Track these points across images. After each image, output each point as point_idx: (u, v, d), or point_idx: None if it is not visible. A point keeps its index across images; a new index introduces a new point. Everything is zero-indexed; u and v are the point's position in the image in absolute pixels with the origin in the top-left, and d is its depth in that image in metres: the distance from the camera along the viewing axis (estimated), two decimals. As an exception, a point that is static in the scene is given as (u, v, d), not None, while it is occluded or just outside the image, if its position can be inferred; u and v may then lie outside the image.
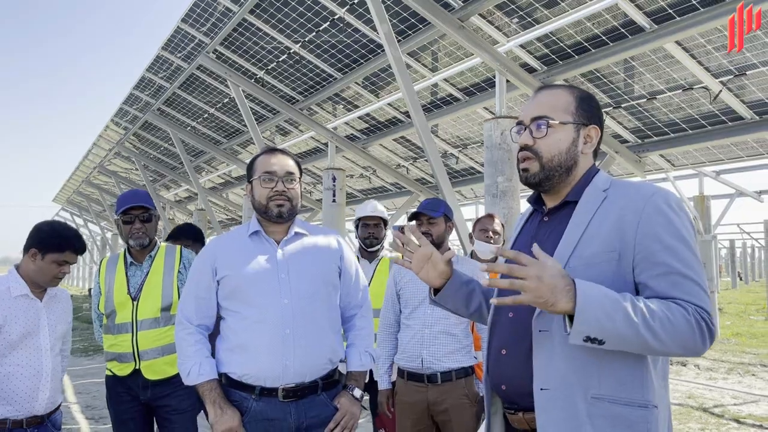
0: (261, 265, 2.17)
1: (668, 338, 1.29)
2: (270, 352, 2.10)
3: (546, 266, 1.29)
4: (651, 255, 1.36)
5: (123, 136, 13.30)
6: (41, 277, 2.53)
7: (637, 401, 1.37)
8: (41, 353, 2.54)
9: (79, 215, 27.82)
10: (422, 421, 2.88)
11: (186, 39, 8.41)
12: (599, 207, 1.45)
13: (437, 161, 5.31)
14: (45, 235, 2.56)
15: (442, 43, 6.18)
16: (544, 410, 1.41)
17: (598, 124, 1.55)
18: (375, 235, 3.52)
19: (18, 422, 2.48)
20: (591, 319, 1.27)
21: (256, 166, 2.27)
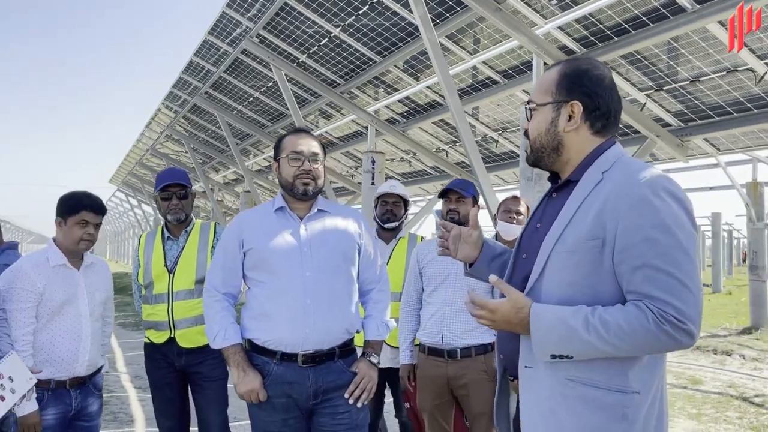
0: (285, 239, 2.32)
1: (628, 346, 1.32)
2: (291, 321, 2.25)
3: (495, 309, 1.43)
4: (629, 246, 1.34)
5: (173, 119, 13.71)
6: (70, 243, 2.71)
7: (614, 386, 1.38)
8: (81, 319, 2.73)
9: (134, 196, 28.79)
10: (442, 395, 2.97)
11: (231, 24, 8.61)
12: (592, 190, 1.43)
13: (471, 145, 5.34)
14: (62, 202, 2.74)
15: (480, 26, 6.16)
16: (525, 388, 1.49)
17: (582, 99, 1.48)
18: (393, 212, 3.54)
19: (61, 382, 2.68)
20: (546, 344, 1.38)
21: (283, 146, 2.40)
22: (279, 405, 2.26)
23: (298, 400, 2.27)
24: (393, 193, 3.53)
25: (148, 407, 5.69)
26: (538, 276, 1.47)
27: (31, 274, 2.65)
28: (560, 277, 1.43)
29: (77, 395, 2.71)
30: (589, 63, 1.54)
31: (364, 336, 2.46)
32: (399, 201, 3.54)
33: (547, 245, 1.46)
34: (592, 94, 1.49)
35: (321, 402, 2.29)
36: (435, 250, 3.05)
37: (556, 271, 1.44)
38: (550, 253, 1.45)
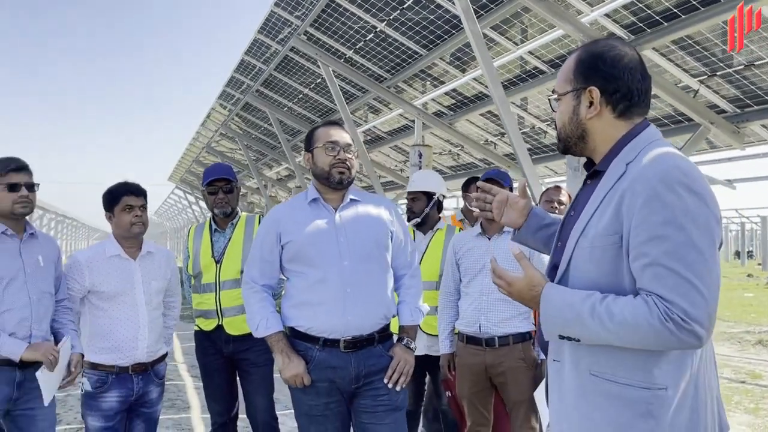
0: (321, 230, 2.39)
1: (630, 338, 1.32)
2: (333, 309, 2.33)
3: (512, 282, 1.49)
4: (639, 245, 1.33)
5: (227, 118, 14.08)
6: (124, 230, 2.86)
7: (639, 382, 1.36)
8: (137, 307, 2.87)
9: (191, 193, 29.67)
10: (480, 383, 3.01)
11: (279, 22, 8.79)
12: (615, 183, 1.41)
13: (517, 136, 5.31)
14: (104, 198, 2.90)
15: (525, 16, 6.10)
16: (553, 380, 1.51)
17: (599, 83, 1.45)
18: (412, 209, 3.57)
19: (124, 368, 2.83)
20: (554, 325, 1.41)
21: (317, 137, 2.47)
22: (322, 389, 2.35)
23: (340, 384, 2.35)
24: (411, 190, 3.57)
25: (203, 395, 5.92)
26: (565, 268, 1.49)
27: (82, 265, 2.83)
28: (584, 271, 1.44)
29: (139, 381, 2.85)
30: (605, 44, 1.50)
31: (398, 321, 2.52)
32: (417, 197, 3.55)
33: (573, 238, 1.47)
34: (609, 77, 1.45)
35: (362, 385, 2.37)
36: (471, 242, 3.10)
37: (580, 264, 1.45)
38: (574, 246, 1.46)
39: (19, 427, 2.58)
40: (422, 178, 3.66)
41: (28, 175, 2.64)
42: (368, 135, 11.56)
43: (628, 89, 1.46)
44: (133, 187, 2.89)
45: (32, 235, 2.69)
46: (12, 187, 2.57)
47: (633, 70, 1.47)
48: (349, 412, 2.43)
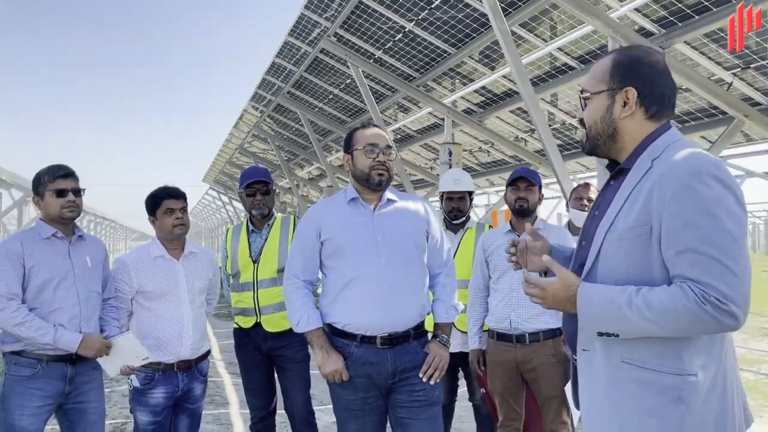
0: (360, 229, 2.47)
1: (671, 325, 1.36)
2: (369, 306, 2.40)
3: (546, 287, 1.51)
4: (673, 232, 1.37)
5: (259, 119, 14.29)
6: (166, 233, 2.98)
7: (670, 369, 1.40)
8: (181, 306, 2.98)
9: (225, 193, 30.12)
10: (512, 379, 3.05)
11: (309, 24, 8.91)
12: (642, 178, 1.47)
13: (546, 133, 5.32)
14: (146, 202, 3.02)
15: (554, 12, 6.09)
16: (583, 369, 1.56)
17: (638, 84, 1.52)
18: (459, 208, 3.61)
19: (170, 365, 2.94)
20: (593, 322, 1.44)
21: (356, 139, 2.54)
22: (360, 384, 2.42)
23: (377, 380, 2.42)
24: (458, 191, 3.59)
25: (241, 391, 6.07)
26: (593, 263, 1.53)
27: (129, 267, 2.97)
28: (612, 265, 1.48)
29: (183, 378, 2.97)
30: (642, 50, 1.58)
31: (433, 319, 2.59)
32: (464, 196, 3.60)
33: (600, 233, 1.52)
34: (646, 80, 1.53)
35: (398, 381, 2.44)
36: (499, 239, 3.14)
37: (609, 258, 1.49)
38: (602, 240, 1.51)
39: (71, 420, 2.73)
40: (464, 177, 3.71)
41: (74, 181, 2.77)
42: (398, 134, 11.62)
43: (661, 93, 1.54)
44: (173, 191, 3.02)
45: (80, 238, 2.83)
46: (60, 193, 2.71)
47: (667, 77, 1.56)
48: (386, 407, 2.49)
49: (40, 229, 2.74)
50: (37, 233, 2.72)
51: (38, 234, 2.72)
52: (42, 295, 2.64)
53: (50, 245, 2.71)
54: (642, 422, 1.42)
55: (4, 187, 16.90)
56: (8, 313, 2.53)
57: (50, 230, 2.73)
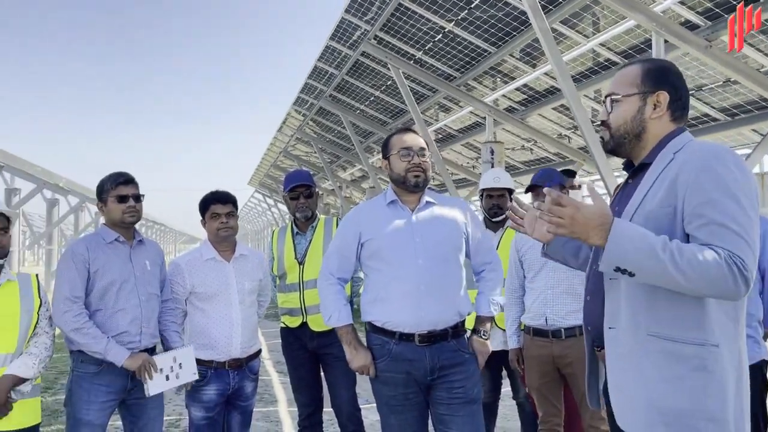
0: (399, 230, 2.54)
1: (696, 276, 1.42)
2: (408, 305, 2.47)
3: (581, 207, 1.51)
4: (695, 208, 1.49)
5: (302, 122, 14.51)
6: (213, 236, 3.11)
7: (693, 339, 1.51)
8: (232, 307, 3.08)
9: (270, 196, 30.61)
10: (549, 374, 3.08)
11: (350, 28, 9.02)
12: (665, 168, 1.60)
13: (589, 129, 5.28)
14: (199, 206, 3.14)
15: (595, 8, 6.03)
16: (609, 346, 1.65)
17: (669, 89, 1.67)
18: (500, 205, 3.63)
19: (221, 364, 3.05)
20: (618, 251, 1.46)
21: (392, 144, 2.62)
22: (400, 380, 2.49)
23: (416, 376, 2.49)
24: (498, 187, 3.62)
25: (289, 389, 6.21)
26: None
27: (183, 269, 3.10)
28: None
29: (234, 376, 3.07)
30: (668, 62, 1.77)
31: (476, 312, 2.65)
32: (504, 193, 3.63)
33: (627, 214, 1.62)
34: (676, 86, 1.69)
35: (437, 378, 2.50)
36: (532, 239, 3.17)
37: None
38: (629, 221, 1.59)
39: (132, 414, 2.87)
40: (504, 175, 3.74)
41: (134, 187, 2.92)
42: (439, 133, 11.65)
43: (686, 100, 1.70)
44: (220, 196, 3.14)
45: (140, 242, 2.97)
46: (121, 199, 2.85)
47: (686, 86, 1.72)
48: (427, 403, 2.56)
49: (103, 233, 2.89)
50: (101, 238, 2.87)
51: (102, 239, 2.86)
52: (105, 297, 2.78)
53: (113, 249, 2.86)
54: (667, 390, 1.52)
55: (62, 193, 17.61)
56: (70, 317, 2.68)
57: (113, 235, 2.87)
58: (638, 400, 1.56)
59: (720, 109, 6.78)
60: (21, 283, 2.58)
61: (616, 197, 1.79)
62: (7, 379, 2.43)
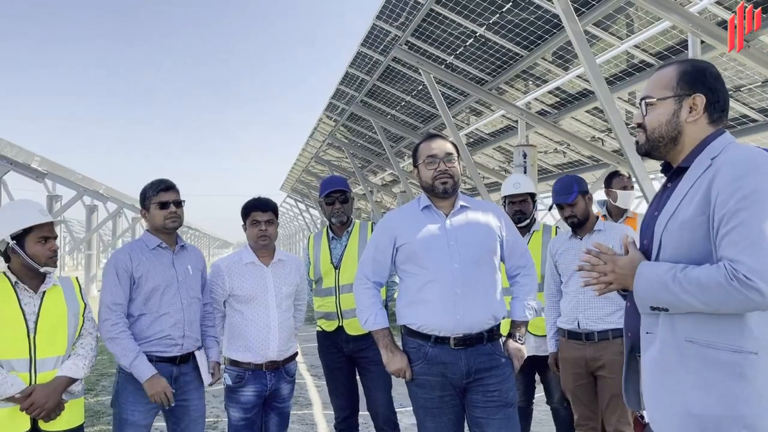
0: (433, 235, 2.56)
1: (705, 299, 1.46)
2: (444, 308, 2.48)
3: (617, 262, 1.62)
4: (723, 215, 1.49)
5: (334, 128, 14.64)
6: (252, 241, 3.18)
7: (731, 346, 1.50)
8: (269, 309, 3.14)
9: (302, 201, 30.88)
10: (582, 376, 3.09)
11: (381, 34, 9.09)
12: (702, 174, 1.58)
13: (623, 132, 5.23)
14: (241, 210, 3.20)
15: (629, 10, 5.98)
16: (646, 350, 1.65)
17: (705, 92, 1.64)
18: (522, 210, 3.63)
19: (258, 365, 3.11)
20: (645, 296, 1.56)
21: (419, 152, 2.66)
22: (435, 383, 2.51)
23: (452, 379, 2.51)
24: (519, 193, 3.62)
25: (324, 392, 6.27)
26: (656, 256, 1.63)
27: (223, 271, 3.18)
28: (674, 255, 1.58)
29: (271, 378, 3.13)
30: (705, 62, 1.72)
31: (510, 316, 2.66)
32: (526, 198, 3.63)
33: (660, 224, 1.63)
34: (713, 89, 1.66)
35: (473, 381, 2.51)
36: (565, 243, 3.19)
37: (670, 249, 1.59)
38: (662, 231, 1.61)
39: (176, 416, 2.95)
40: (525, 180, 3.73)
41: (175, 194, 3.00)
42: (470, 137, 11.62)
43: (724, 102, 1.67)
44: (260, 203, 3.20)
45: (182, 247, 3.05)
46: (163, 205, 2.94)
47: (725, 87, 1.69)
48: (462, 406, 2.57)
49: (146, 240, 2.98)
50: (144, 244, 2.96)
51: (145, 245, 2.96)
52: (150, 302, 2.87)
53: (156, 255, 2.94)
54: (703, 396, 1.51)
55: (101, 200, 18.06)
56: (108, 326, 2.78)
57: (156, 241, 2.96)
58: (673, 405, 1.56)
59: (759, 110, 6.65)
60: (64, 287, 2.67)
61: (654, 201, 1.78)
62: (61, 380, 2.51)
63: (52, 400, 2.45)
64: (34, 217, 2.54)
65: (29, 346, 2.47)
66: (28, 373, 2.46)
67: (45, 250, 2.54)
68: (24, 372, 2.46)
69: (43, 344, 2.51)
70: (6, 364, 2.43)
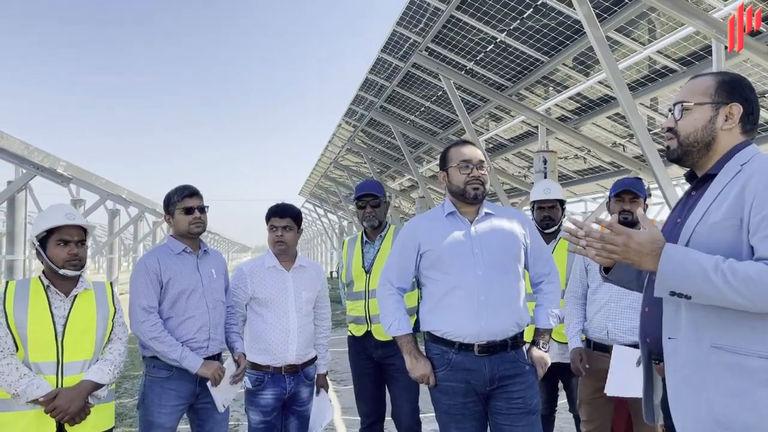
0: (458, 241, 2.57)
1: (753, 294, 1.43)
2: (468, 314, 2.49)
3: (634, 234, 1.55)
4: (760, 220, 1.48)
5: (353, 133, 14.69)
6: (271, 246, 3.23)
7: (759, 352, 1.49)
8: (288, 313, 3.19)
9: (320, 206, 30.99)
10: (603, 389, 3.03)
11: (401, 40, 9.12)
12: (732, 179, 1.59)
13: (646, 138, 5.19)
14: (265, 215, 3.26)
15: (651, 15, 5.94)
16: (669, 357, 1.64)
17: (742, 102, 1.66)
18: (551, 216, 3.61)
19: (278, 368, 3.15)
20: (670, 277, 1.50)
21: (450, 156, 2.66)
22: (459, 390, 2.51)
23: (476, 386, 2.51)
24: (549, 199, 3.60)
25: (344, 397, 6.29)
26: None
27: (245, 275, 3.22)
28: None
29: (291, 381, 3.17)
30: (740, 75, 1.75)
31: (534, 324, 2.65)
32: (555, 205, 3.61)
33: (690, 226, 1.62)
34: (749, 100, 1.69)
35: (497, 388, 2.51)
36: None
37: (698, 249, 1.56)
38: (692, 233, 1.60)
39: (200, 419, 2.99)
40: (554, 186, 3.72)
41: (199, 199, 3.05)
42: (490, 143, 11.59)
43: (757, 114, 1.71)
44: (279, 209, 3.26)
45: (206, 252, 3.10)
46: (187, 211, 2.99)
47: (758, 100, 1.71)
48: (486, 413, 2.57)
49: (171, 245, 3.03)
50: (169, 249, 3.01)
51: (171, 250, 3.01)
52: (176, 306, 2.91)
53: (181, 259, 2.99)
54: (731, 403, 1.49)
55: (123, 204, 18.29)
56: (147, 327, 2.82)
57: (181, 246, 3.01)
58: (700, 413, 1.54)
59: (784, 116, 6.56)
60: (96, 291, 2.71)
61: (677, 208, 1.78)
62: (85, 384, 2.54)
63: (76, 404, 2.46)
64: (55, 219, 2.57)
65: (57, 349, 2.51)
66: (55, 376, 2.49)
67: (63, 253, 2.55)
68: (51, 375, 2.49)
69: (71, 348, 2.54)
70: (34, 367, 2.47)
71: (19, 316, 2.47)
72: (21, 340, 2.47)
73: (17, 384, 2.39)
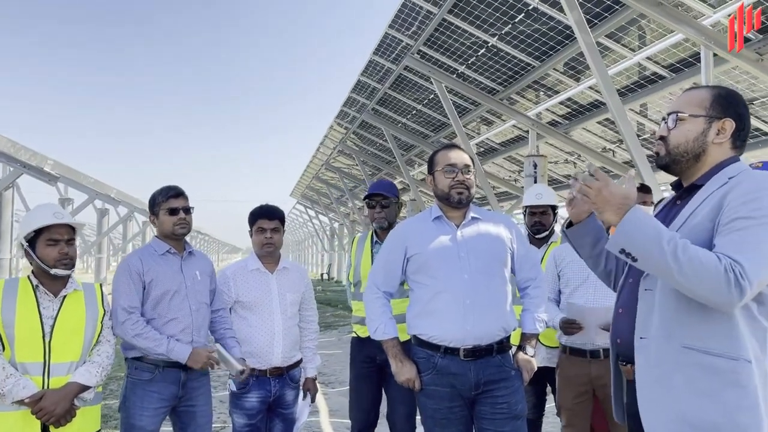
0: (444, 245, 2.56)
1: (692, 274, 1.46)
2: (453, 319, 2.48)
3: (611, 184, 1.60)
4: (725, 223, 1.53)
5: (344, 135, 14.69)
6: (257, 248, 3.20)
7: (727, 353, 1.53)
8: (273, 316, 3.16)
9: (311, 208, 30.95)
10: (584, 394, 3.03)
11: (393, 43, 9.13)
12: (717, 189, 1.61)
13: (635, 144, 5.23)
14: (248, 216, 3.23)
15: (642, 22, 5.98)
16: (640, 354, 1.65)
17: (735, 118, 1.68)
18: (542, 222, 3.60)
19: (263, 371, 3.12)
20: (627, 235, 1.54)
21: (437, 160, 2.66)
22: (445, 394, 2.50)
23: (461, 390, 2.49)
24: (541, 204, 3.61)
25: (330, 400, 6.26)
26: None
27: (228, 278, 3.20)
28: None
29: (276, 384, 3.14)
30: (736, 91, 1.77)
31: (521, 329, 2.64)
32: (547, 210, 3.61)
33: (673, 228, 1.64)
34: (742, 117, 1.71)
35: (482, 393, 2.49)
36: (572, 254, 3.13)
37: None
38: None
39: (182, 421, 2.96)
40: (546, 191, 3.71)
41: (184, 200, 3.02)
42: (481, 147, 11.63)
43: (748, 131, 1.73)
44: (267, 211, 3.22)
45: (191, 253, 3.07)
46: (172, 211, 2.95)
47: (750, 117, 1.73)
48: (471, 418, 2.56)
49: (155, 245, 3.00)
50: (153, 249, 2.98)
51: (154, 250, 2.97)
52: (158, 307, 2.88)
53: (165, 260, 2.96)
54: (700, 403, 1.52)
55: (112, 204, 18.17)
56: (129, 325, 2.79)
57: (165, 247, 2.98)
58: (669, 413, 1.56)
59: (772, 123, 6.61)
60: (86, 292, 2.67)
61: (661, 215, 1.79)
62: (72, 386, 2.50)
63: (62, 406, 2.43)
64: (44, 219, 2.54)
65: (44, 349, 2.47)
66: (42, 377, 2.46)
67: (54, 252, 2.53)
68: (37, 376, 2.45)
69: (58, 349, 2.51)
70: (20, 367, 2.44)
71: (6, 315, 2.44)
72: (8, 340, 2.44)
73: (3, 384, 2.36)
